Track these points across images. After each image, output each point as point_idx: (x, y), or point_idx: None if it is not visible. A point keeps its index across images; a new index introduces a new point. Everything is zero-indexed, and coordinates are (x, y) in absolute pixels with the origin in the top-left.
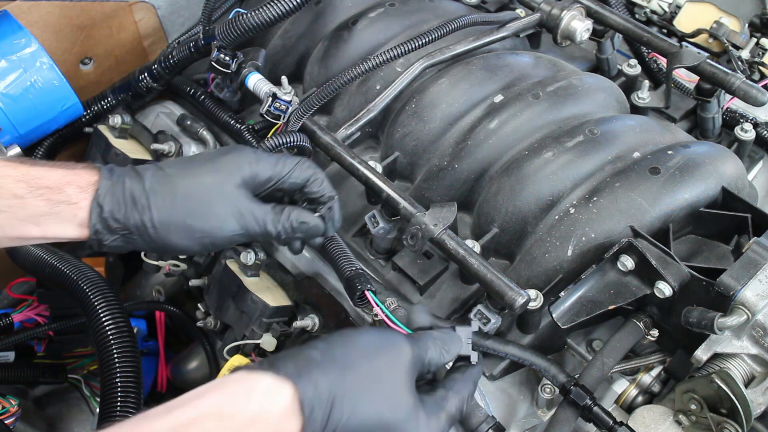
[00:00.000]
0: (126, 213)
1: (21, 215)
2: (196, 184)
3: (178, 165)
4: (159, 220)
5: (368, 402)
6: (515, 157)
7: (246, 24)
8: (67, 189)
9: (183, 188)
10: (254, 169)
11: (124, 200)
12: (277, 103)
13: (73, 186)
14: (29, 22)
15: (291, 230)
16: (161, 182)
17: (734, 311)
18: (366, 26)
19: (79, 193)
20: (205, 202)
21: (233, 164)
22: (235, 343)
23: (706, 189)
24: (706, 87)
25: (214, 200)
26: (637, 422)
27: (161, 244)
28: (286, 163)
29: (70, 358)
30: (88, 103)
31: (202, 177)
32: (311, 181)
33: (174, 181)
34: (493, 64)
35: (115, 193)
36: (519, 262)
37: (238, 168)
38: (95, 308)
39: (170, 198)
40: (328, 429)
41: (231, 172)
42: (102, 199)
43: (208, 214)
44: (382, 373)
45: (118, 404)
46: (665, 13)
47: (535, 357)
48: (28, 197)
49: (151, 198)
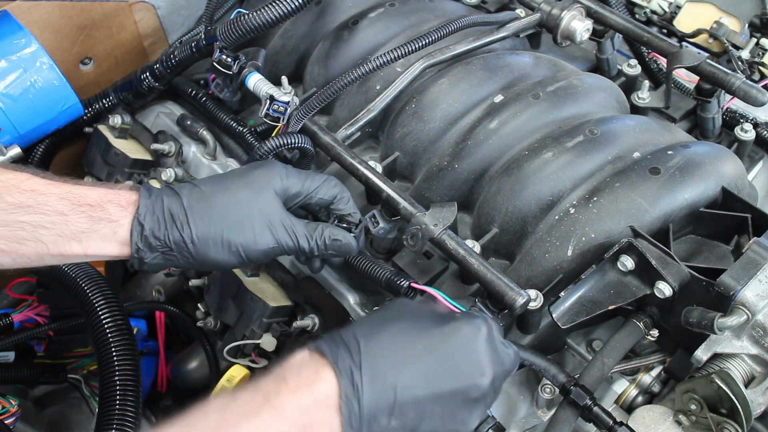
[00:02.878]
0: (166, 230)
1: (64, 232)
2: (231, 199)
3: (212, 182)
4: (198, 235)
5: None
6: (515, 157)
7: (248, 24)
8: (108, 207)
9: (219, 203)
10: (285, 183)
11: (164, 218)
12: (276, 105)
13: (114, 204)
14: (29, 22)
15: (324, 246)
16: (198, 199)
17: (734, 311)
18: (366, 26)
19: (119, 212)
20: (241, 216)
21: (265, 178)
22: (235, 343)
23: (706, 189)
24: (706, 87)
25: (250, 213)
26: (637, 422)
27: (200, 260)
28: (314, 179)
29: (70, 358)
30: (88, 102)
31: (237, 192)
32: (338, 199)
33: (210, 197)
34: (493, 64)
35: (155, 212)
36: (519, 262)
37: (269, 181)
38: (94, 307)
39: (207, 214)
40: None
41: (263, 186)
42: (142, 218)
43: (244, 228)
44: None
45: (116, 404)
46: (665, 13)
47: (535, 357)
48: (71, 214)
49: (189, 215)
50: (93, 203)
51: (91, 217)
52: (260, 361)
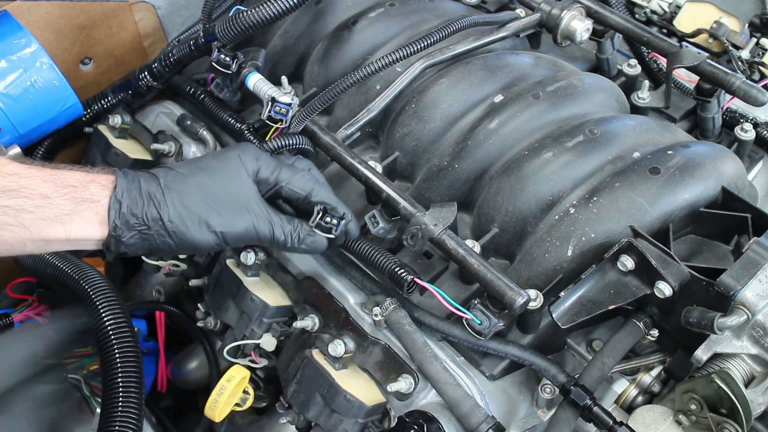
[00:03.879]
0: (143, 208)
1: (47, 215)
2: (207, 179)
3: (188, 164)
4: (175, 213)
5: None
6: (515, 157)
7: (246, 21)
8: (89, 186)
9: (196, 183)
10: (258, 164)
11: (141, 196)
12: (277, 107)
13: (94, 184)
14: (29, 22)
15: (297, 241)
16: (174, 180)
17: (734, 311)
18: (366, 26)
19: (100, 191)
20: (218, 196)
21: (239, 159)
22: (235, 343)
23: (706, 189)
24: (706, 87)
25: (227, 194)
26: (637, 422)
27: (178, 240)
28: (286, 170)
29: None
30: (88, 102)
31: (213, 173)
32: (314, 193)
33: (187, 178)
34: (493, 64)
35: (132, 191)
36: (519, 262)
37: (243, 162)
38: (97, 308)
39: (185, 193)
40: None
41: (237, 167)
42: (120, 196)
43: (221, 208)
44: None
45: (119, 404)
46: (665, 13)
47: (535, 357)
48: (55, 197)
49: (166, 194)
50: (75, 184)
51: (74, 198)
52: (260, 361)
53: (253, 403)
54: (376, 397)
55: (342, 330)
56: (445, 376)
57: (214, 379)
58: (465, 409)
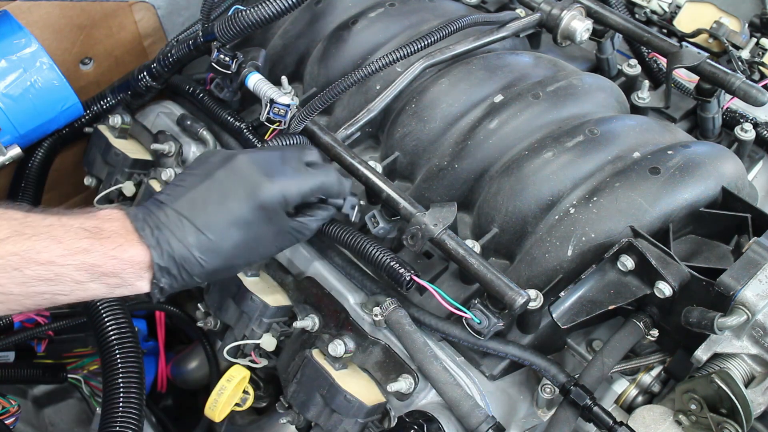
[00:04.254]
0: (183, 281)
1: (82, 296)
2: (238, 243)
3: (218, 230)
4: (209, 273)
5: None
6: (515, 157)
7: (245, 20)
8: (123, 275)
9: (230, 249)
10: (290, 199)
11: (180, 274)
12: (276, 108)
13: (128, 272)
14: (29, 22)
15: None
16: (209, 250)
17: (734, 311)
18: (366, 26)
19: (135, 278)
20: (250, 253)
21: (272, 205)
22: (235, 343)
23: (706, 189)
24: (706, 87)
25: (258, 246)
26: (637, 422)
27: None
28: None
29: (70, 358)
30: (87, 103)
31: (242, 237)
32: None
33: (220, 247)
34: (493, 64)
35: (171, 271)
36: (519, 262)
37: (277, 208)
38: (97, 308)
39: (219, 262)
40: None
41: (274, 223)
42: (160, 281)
43: (252, 258)
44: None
45: (120, 404)
46: (665, 13)
47: (535, 357)
48: (89, 283)
49: (202, 264)
50: (108, 272)
51: (108, 284)
52: (260, 361)
53: (253, 403)
54: (376, 397)
55: (342, 330)
56: (445, 376)
57: (214, 379)
58: (465, 409)
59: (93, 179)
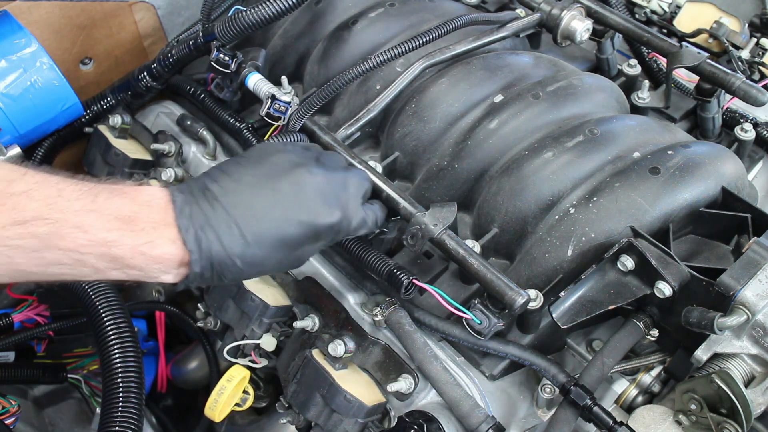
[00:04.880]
0: (210, 282)
1: (101, 278)
2: (281, 262)
3: (268, 246)
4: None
5: None
6: (515, 157)
7: (245, 21)
8: (147, 269)
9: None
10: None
11: (212, 277)
12: (277, 105)
13: (153, 268)
14: (29, 22)
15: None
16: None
17: (734, 311)
18: (366, 26)
19: (161, 273)
20: (290, 266)
21: (321, 238)
22: (235, 343)
23: (706, 189)
24: (706, 87)
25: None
26: (637, 422)
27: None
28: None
29: (70, 358)
30: (87, 103)
31: (287, 258)
32: None
33: (263, 263)
34: (493, 64)
35: (204, 275)
36: (519, 262)
37: (326, 239)
38: (97, 308)
39: (255, 272)
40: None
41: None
42: (192, 282)
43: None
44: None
45: (119, 404)
46: (665, 13)
47: (535, 357)
48: (110, 271)
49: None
50: (132, 265)
51: (128, 275)
52: (260, 361)
53: (253, 403)
54: (376, 397)
55: (342, 330)
56: (445, 376)
57: (214, 379)
58: (465, 409)
59: None
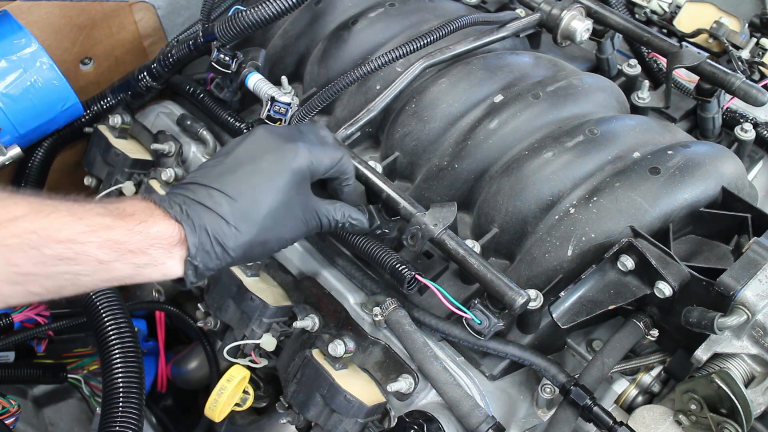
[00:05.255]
0: (218, 260)
1: (106, 277)
2: (272, 208)
3: (250, 194)
4: (243, 252)
5: None
6: (515, 157)
7: (245, 21)
8: (150, 251)
9: (262, 216)
10: (312, 166)
11: (214, 251)
12: (276, 106)
13: (157, 248)
14: (29, 22)
15: (341, 225)
16: (241, 217)
17: (734, 311)
18: (366, 26)
19: (164, 255)
20: (281, 219)
21: (299, 171)
22: (235, 343)
23: (706, 189)
24: (706, 87)
25: (289, 214)
26: (637, 422)
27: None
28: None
29: (70, 358)
30: (87, 103)
31: (275, 202)
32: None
33: (252, 211)
34: (493, 64)
35: (205, 247)
36: (519, 262)
37: (302, 172)
38: (97, 308)
39: (254, 230)
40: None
41: (299, 181)
42: (195, 259)
43: (283, 230)
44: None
45: (120, 404)
46: (665, 13)
47: (535, 357)
48: (113, 263)
49: (236, 237)
50: (134, 249)
51: (134, 263)
52: (260, 361)
53: (253, 403)
54: (376, 397)
55: (342, 330)
56: (445, 376)
57: (214, 379)
58: (465, 409)
59: (93, 179)
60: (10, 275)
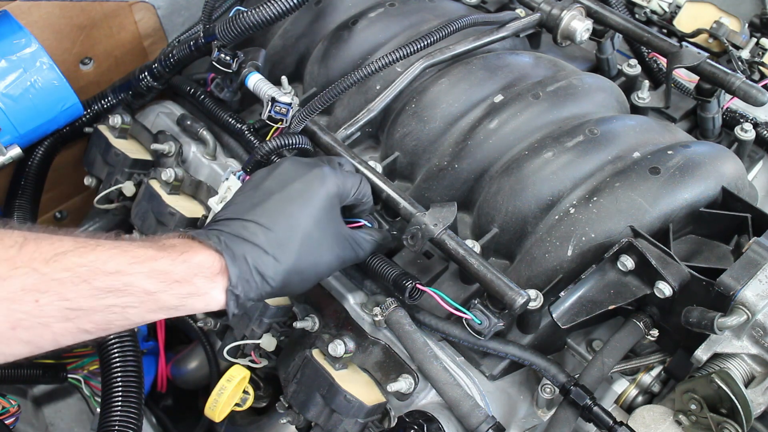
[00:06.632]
0: (258, 290)
1: (152, 308)
2: (306, 233)
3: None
4: (283, 275)
5: None
6: (515, 157)
7: (246, 22)
8: (194, 281)
9: (300, 242)
10: (342, 192)
11: (255, 281)
12: (277, 107)
13: (200, 277)
14: (29, 22)
15: (369, 250)
16: (278, 246)
17: (734, 311)
18: (366, 26)
19: (207, 284)
20: (317, 251)
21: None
22: (235, 343)
23: (706, 189)
24: (706, 87)
25: (324, 244)
26: (637, 422)
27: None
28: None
29: (70, 358)
30: (88, 102)
31: (309, 226)
32: (367, 197)
33: (289, 241)
34: (493, 64)
35: (245, 277)
36: (519, 262)
37: (333, 201)
38: None
39: (292, 259)
40: None
41: (330, 210)
42: (236, 289)
43: (319, 261)
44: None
45: (119, 404)
46: (665, 13)
47: (535, 357)
48: (159, 294)
49: (276, 266)
50: (179, 279)
51: (179, 294)
52: (260, 361)
53: (253, 403)
54: (376, 397)
55: (342, 330)
56: (445, 376)
57: (214, 379)
58: (465, 409)
59: (93, 179)
60: (63, 311)
